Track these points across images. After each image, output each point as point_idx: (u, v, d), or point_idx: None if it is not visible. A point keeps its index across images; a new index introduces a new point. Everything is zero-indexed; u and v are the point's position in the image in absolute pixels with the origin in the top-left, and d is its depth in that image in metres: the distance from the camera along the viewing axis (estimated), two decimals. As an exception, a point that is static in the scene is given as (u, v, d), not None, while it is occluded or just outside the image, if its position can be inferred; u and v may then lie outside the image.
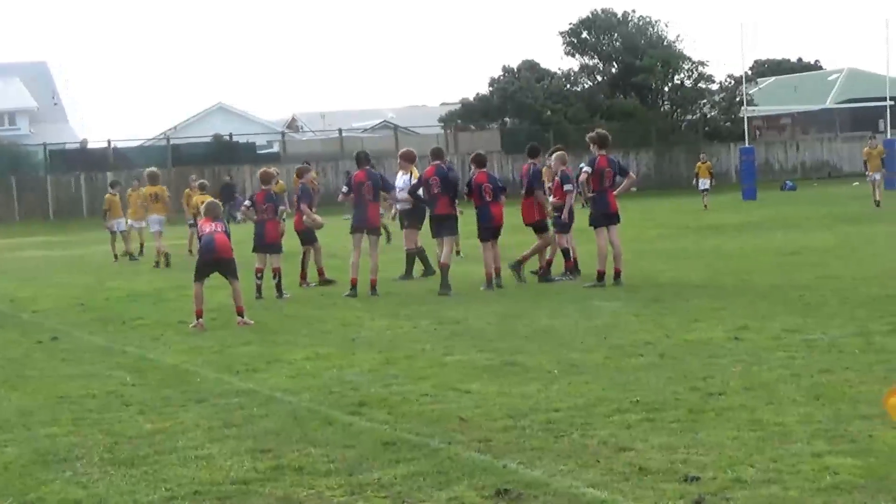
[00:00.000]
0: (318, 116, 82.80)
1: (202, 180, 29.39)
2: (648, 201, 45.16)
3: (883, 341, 11.59)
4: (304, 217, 19.69)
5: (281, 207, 18.78)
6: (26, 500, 7.38)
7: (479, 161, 18.87)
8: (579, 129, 51.86)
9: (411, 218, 20.63)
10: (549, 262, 19.12)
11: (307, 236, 20.25)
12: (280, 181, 30.45)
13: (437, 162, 18.86)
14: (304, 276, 20.17)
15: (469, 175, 19.70)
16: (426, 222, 20.38)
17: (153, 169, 29.08)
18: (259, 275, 18.27)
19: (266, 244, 18.45)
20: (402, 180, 20.82)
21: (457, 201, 18.79)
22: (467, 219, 19.33)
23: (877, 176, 36.89)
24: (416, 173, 20.70)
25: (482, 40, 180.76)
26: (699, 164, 42.99)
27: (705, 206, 40.34)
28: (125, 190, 30.15)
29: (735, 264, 20.14)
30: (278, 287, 18.28)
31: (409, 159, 20.84)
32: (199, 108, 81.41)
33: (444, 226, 18.51)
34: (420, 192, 19.22)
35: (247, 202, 19.15)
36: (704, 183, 41.44)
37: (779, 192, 52.22)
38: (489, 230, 18.32)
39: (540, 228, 19.07)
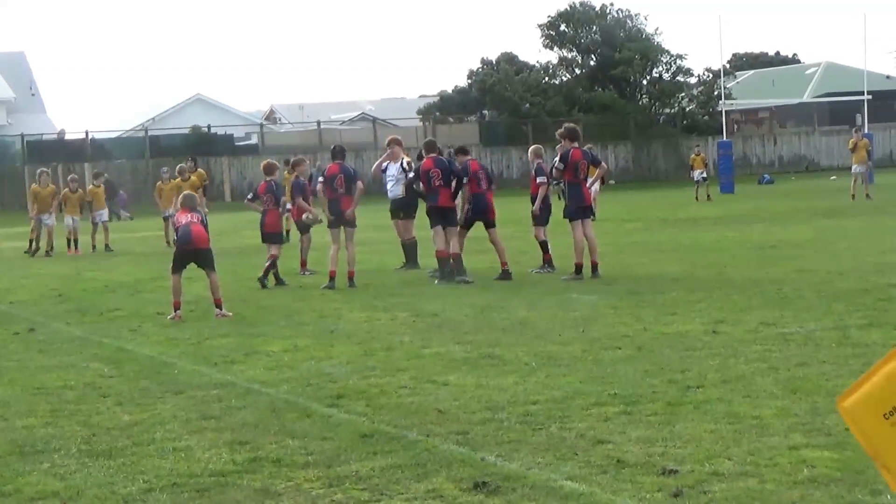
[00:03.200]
0: (296, 108, 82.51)
1: (181, 165, 29.56)
2: (626, 194, 45.18)
3: (859, 335, 11.64)
4: (305, 215, 19.70)
5: (283, 199, 19.00)
6: (3, 491, 7.35)
7: (429, 147, 18.86)
8: (558, 123, 51.78)
9: (406, 209, 20.46)
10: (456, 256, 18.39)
11: (301, 226, 20.30)
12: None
13: (434, 154, 18.52)
14: (303, 263, 20.41)
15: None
16: (414, 213, 20.45)
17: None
18: (271, 261, 18.39)
19: (266, 234, 18.91)
20: (394, 168, 20.41)
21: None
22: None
23: (861, 168, 36.36)
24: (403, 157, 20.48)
25: (461, 32, 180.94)
26: (693, 156, 43.00)
27: (706, 196, 39.89)
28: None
29: (712, 258, 20.18)
30: (265, 271, 18.22)
31: (400, 145, 20.72)
32: (178, 100, 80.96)
33: (447, 218, 18.18)
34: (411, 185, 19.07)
35: (249, 195, 20.00)
36: (699, 174, 41.31)
37: (756, 185, 52.25)
38: (432, 211, 18.19)
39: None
